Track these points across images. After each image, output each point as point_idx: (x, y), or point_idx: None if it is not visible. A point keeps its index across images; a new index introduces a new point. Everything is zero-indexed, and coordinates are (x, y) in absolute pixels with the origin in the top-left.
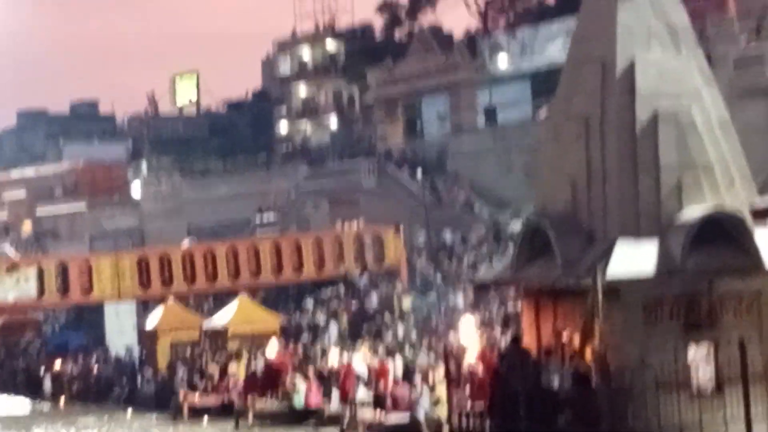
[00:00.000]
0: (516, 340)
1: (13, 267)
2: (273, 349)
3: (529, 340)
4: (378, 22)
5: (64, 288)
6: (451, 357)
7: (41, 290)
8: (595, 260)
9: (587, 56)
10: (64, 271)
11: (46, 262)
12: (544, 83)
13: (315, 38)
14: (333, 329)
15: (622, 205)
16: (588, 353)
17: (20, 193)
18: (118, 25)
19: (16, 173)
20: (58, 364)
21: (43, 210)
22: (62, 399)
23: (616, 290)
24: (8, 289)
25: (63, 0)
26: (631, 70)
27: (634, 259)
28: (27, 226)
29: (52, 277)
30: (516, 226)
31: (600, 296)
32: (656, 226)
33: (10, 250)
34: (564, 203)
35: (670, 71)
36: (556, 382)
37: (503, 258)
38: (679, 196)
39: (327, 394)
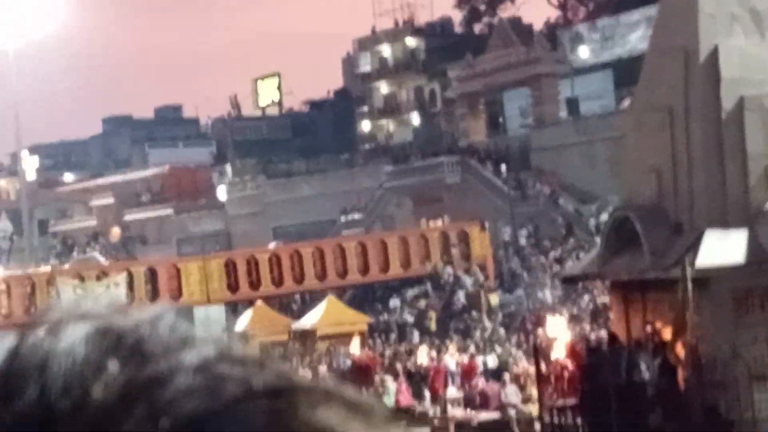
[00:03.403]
0: (612, 337)
1: (102, 273)
2: (356, 349)
3: (618, 333)
4: (457, 17)
5: (154, 293)
6: (541, 353)
7: (131, 296)
8: (683, 251)
9: (669, 45)
10: (153, 276)
11: (135, 267)
12: (626, 73)
13: (395, 35)
14: (421, 328)
15: (708, 195)
16: (679, 346)
17: (108, 200)
18: (199, 30)
19: (103, 180)
20: None
21: (131, 215)
22: None
23: (705, 281)
24: (98, 296)
25: (145, 8)
26: (714, 57)
27: (722, 249)
28: (115, 232)
29: (142, 282)
30: (602, 219)
31: (689, 287)
32: (744, 215)
33: (99, 257)
34: (650, 194)
35: (754, 57)
36: (646, 375)
37: (590, 251)
38: (767, 183)
39: (416, 393)
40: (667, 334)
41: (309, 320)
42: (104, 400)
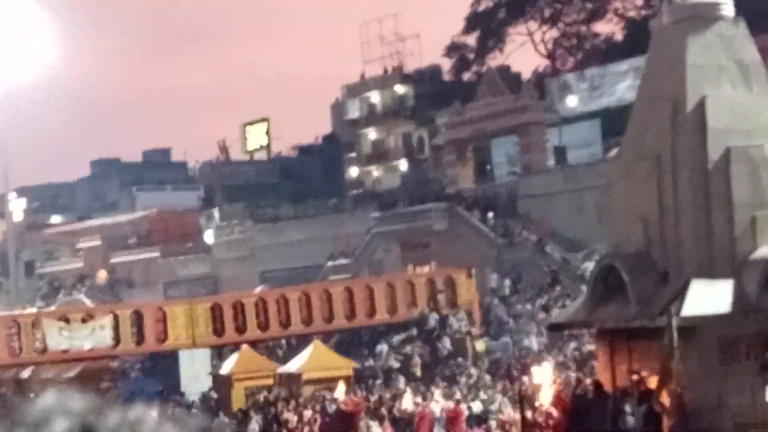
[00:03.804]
0: (597, 385)
1: (89, 316)
2: (341, 394)
3: (604, 381)
4: (446, 65)
5: (139, 336)
6: (526, 400)
7: (116, 338)
8: (669, 299)
9: (657, 94)
10: (138, 319)
11: (121, 310)
12: (614, 122)
13: (384, 82)
14: (406, 373)
15: (695, 244)
16: (664, 394)
17: (95, 242)
18: (189, 74)
19: (90, 222)
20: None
21: (118, 258)
22: None
23: (691, 329)
24: (84, 338)
25: (134, 52)
26: (701, 107)
27: (709, 298)
28: (102, 275)
29: (127, 325)
30: (589, 267)
31: (675, 336)
32: (731, 264)
33: (85, 299)
34: (637, 242)
35: (741, 108)
36: (631, 423)
37: (576, 299)
38: (753, 233)
39: None
40: (652, 382)
41: (295, 364)
42: None
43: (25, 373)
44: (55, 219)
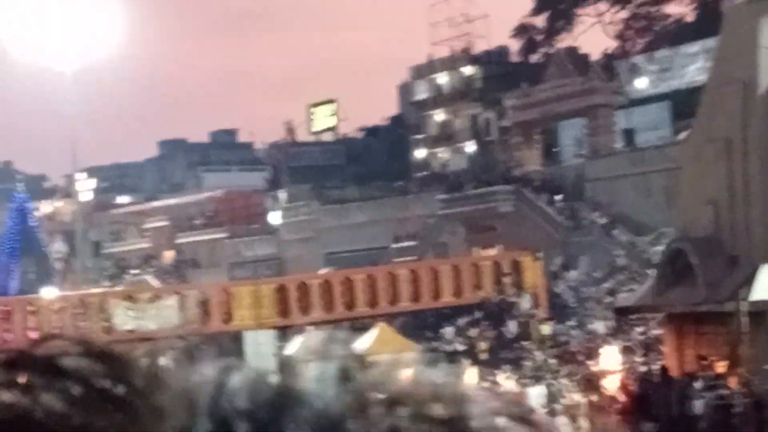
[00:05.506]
0: (664, 370)
1: (155, 296)
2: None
3: (671, 366)
4: (514, 46)
5: (205, 316)
6: (592, 385)
7: (182, 318)
8: (739, 284)
9: (728, 77)
10: (204, 300)
11: (187, 290)
12: (683, 105)
13: (451, 63)
14: (471, 356)
15: (765, 227)
16: (733, 379)
17: (162, 222)
18: (256, 55)
19: (157, 203)
20: None
21: (184, 238)
22: None
23: (761, 314)
24: (150, 318)
25: (202, 32)
26: None
27: None
28: (168, 255)
29: (193, 305)
30: (657, 251)
31: (745, 320)
32: None
33: (151, 279)
34: (706, 226)
35: None
36: (699, 409)
37: (644, 283)
38: None
39: None
40: (721, 367)
41: (360, 346)
42: None
43: None
44: (122, 199)
